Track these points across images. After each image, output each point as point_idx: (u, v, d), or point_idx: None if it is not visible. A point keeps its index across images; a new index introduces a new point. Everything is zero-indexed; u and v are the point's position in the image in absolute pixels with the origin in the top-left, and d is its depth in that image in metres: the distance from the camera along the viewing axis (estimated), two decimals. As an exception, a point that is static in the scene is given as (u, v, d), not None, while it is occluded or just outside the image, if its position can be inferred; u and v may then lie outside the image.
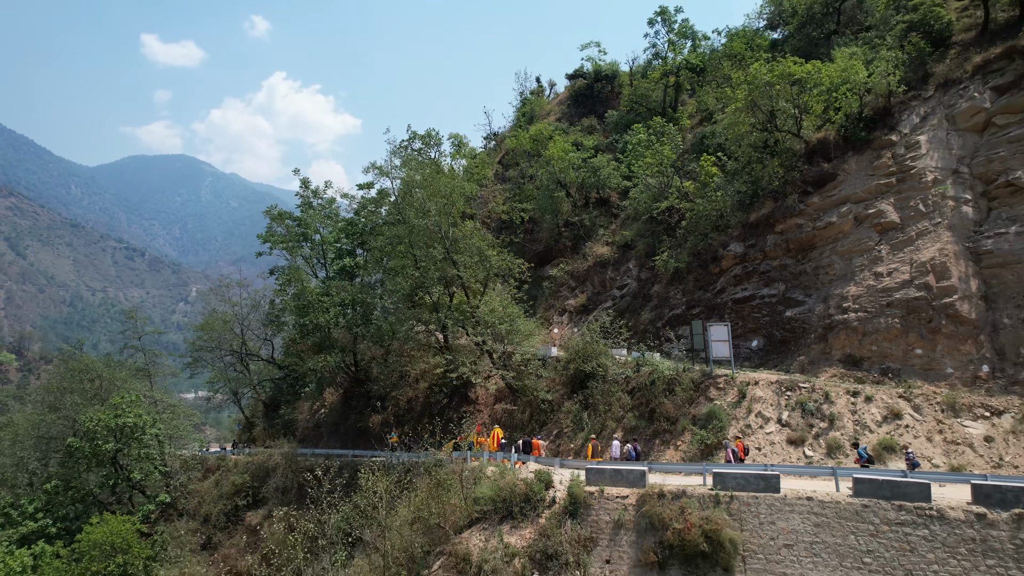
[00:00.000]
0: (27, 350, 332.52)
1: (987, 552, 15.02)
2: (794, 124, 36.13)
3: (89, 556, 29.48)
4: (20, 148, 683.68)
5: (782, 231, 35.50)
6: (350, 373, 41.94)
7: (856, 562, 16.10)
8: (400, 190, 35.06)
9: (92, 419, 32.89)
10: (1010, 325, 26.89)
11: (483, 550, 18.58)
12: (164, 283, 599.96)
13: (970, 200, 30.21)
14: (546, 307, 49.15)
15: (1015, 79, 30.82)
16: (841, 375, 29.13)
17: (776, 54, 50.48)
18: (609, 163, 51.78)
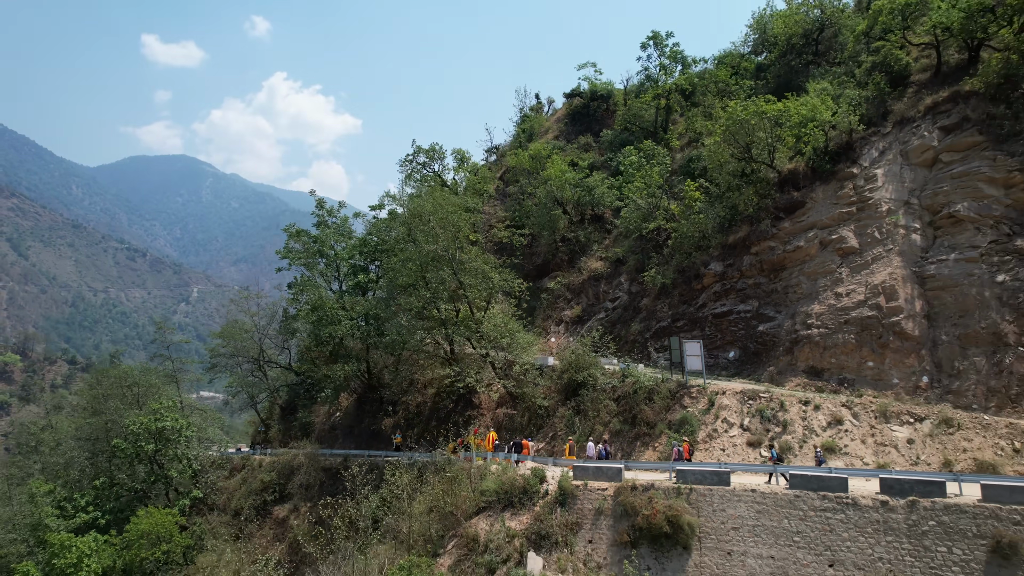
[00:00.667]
0: (31, 351, 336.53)
1: (887, 530, 18.98)
2: (768, 156, 40.12)
3: (137, 544, 33.54)
4: (21, 148, 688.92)
5: (757, 253, 39.51)
6: (364, 380, 45.95)
7: (788, 540, 20.08)
8: (410, 212, 38.96)
9: (135, 423, 36.94)
10: (947, 341, 30.91)
11: (488, 532, 22.64)
12: (165, 283, 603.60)
13: (918, 229, 34.23)
14: (544, 317, 53.14)
15: (959, 120, 34.84)
16: (804, 384, 33.16)
17: (759, 81, 54.79)
18: (603, 182, 55.75)
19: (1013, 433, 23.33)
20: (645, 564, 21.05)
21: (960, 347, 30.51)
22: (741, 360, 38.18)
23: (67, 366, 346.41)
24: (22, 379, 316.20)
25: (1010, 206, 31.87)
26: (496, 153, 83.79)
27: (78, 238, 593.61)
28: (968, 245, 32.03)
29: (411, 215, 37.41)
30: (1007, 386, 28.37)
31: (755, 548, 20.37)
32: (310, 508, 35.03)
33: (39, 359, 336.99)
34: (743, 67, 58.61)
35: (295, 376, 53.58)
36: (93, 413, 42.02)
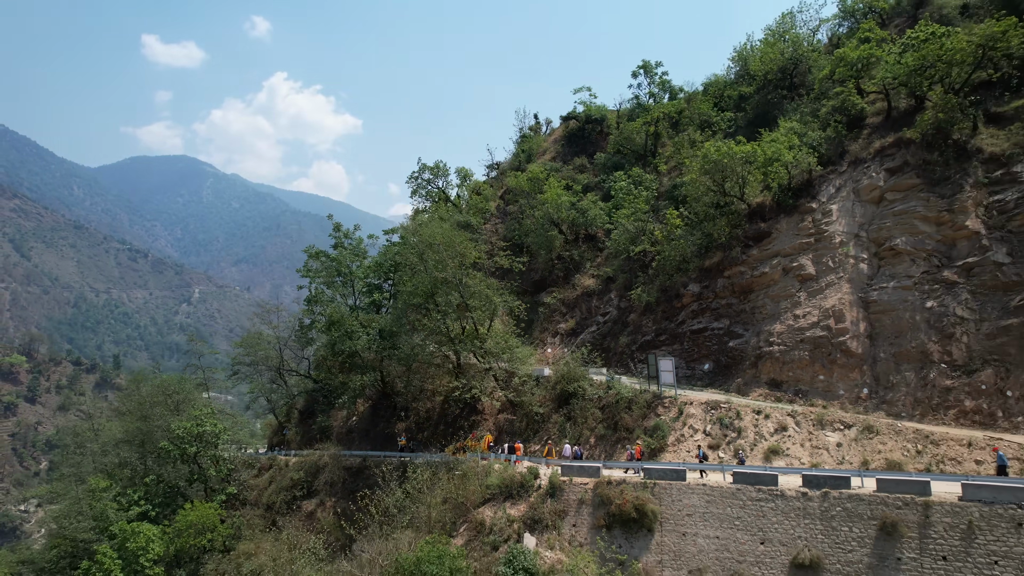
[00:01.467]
0: (36, 352, 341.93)
1: (806, 515, 24.30)
2: (739, 190, 45.46)
3: (186, 533, 38.98)
4: (23, 149, 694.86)
5: (729, 276, 44.87)
6: (378, 388, 51.36)
7: (730, 524, 25.41)
8: (422, 241, 44.27)
9: (180, 427, 42.36)
10: (884, 358, 36.29)
11: (492, 518, 27.98)
12: (167, 284, 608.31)
13: (865, 259, 39.60)
14: (541, 329, 58.52)
15: (901, 164, 40.20)
16: (766, 395, 38.55)
17: (739, 113, 60.14)
18: (596, 204, 61.11)
19: (918, 438, 28.67)
20: (617, 543, 26.40)
21: (895, 363, 35.89)
22: (714, 372, 43.54)
23: (72, 367, 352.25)
24: (27, 380, 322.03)
25: (940, 241, 37.22)
26: (497, 169, 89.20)
27: (80, 239, 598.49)
28: (904, 275, 37.40)
29: (423, 244, 42.74)
30: (930, 397, 33.76)
31: (704, 530, 25.73)
32: (335, 502, 40.46)
33: (44, 360, 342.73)
34: (727, 95, 63.89)
35: (313, 383, 58.91)
36: (141, 418, 47.43)
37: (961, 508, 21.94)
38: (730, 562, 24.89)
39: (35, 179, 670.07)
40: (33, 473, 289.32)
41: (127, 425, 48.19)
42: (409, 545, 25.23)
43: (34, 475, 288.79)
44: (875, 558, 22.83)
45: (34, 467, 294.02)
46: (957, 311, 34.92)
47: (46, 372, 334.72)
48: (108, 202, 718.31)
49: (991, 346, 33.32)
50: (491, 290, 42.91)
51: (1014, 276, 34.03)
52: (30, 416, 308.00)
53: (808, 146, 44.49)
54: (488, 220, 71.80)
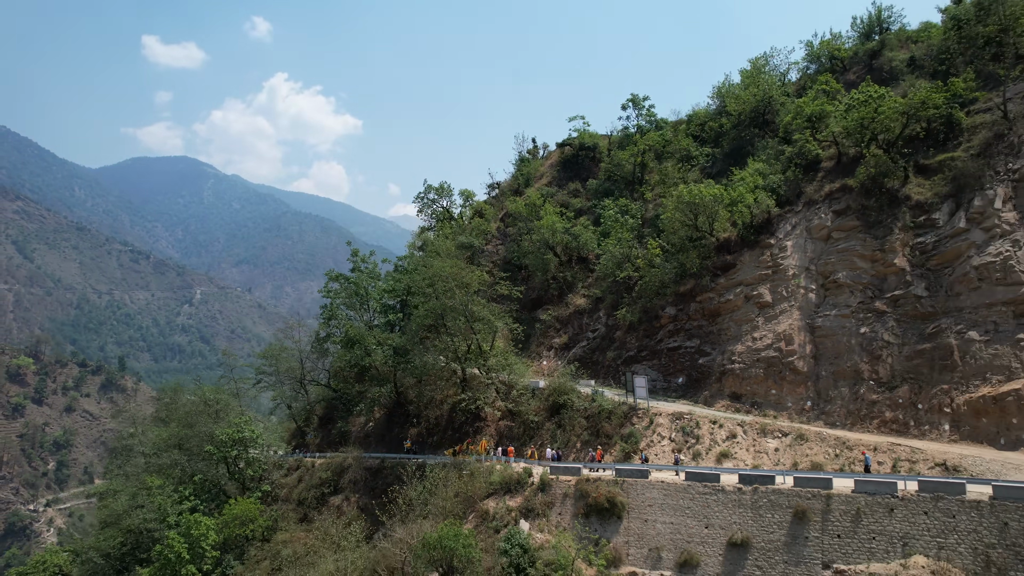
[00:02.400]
0: (43, 354, 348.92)
1: (740, 505, 31.30)
2: (709, 226, 52.47)
3: (232, 524, 46.07)
4: (25, 151, 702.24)
5: (700, 301, 51.92)
6: (392, 397, 58.45)
7: (682, 512, 32.42)
8: (434, 273, 51.29)
9: (224, 433, 49.44)
10: (825, 376, 43.36)
11: (495, 508, 34.99)
12: (169, 285, 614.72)
13: (813, 289, 46.66)
14: (537, 343, 65.56)
15: (845, 207, 47.25)
16: (727, 406, 45.64)
17: (716, 148, 67.07)
18: (587, 228, 68.10)
19: (837, 444, 35.71)
20: (593, 527, 33.40)
21: (833, 380, 42.98)
22: (687, 385, 50.62)
23: (77, 369, 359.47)
24: (35, 381, 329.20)
25: (873, 276, 44.27)
26: (498, 189, 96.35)
27: (82, 240, 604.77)
28: (844, 304, 44.46)
29: (434, 276, 49.79)
30: (859, 409, 40.84)
31: (662, 517, 32.76)
32: (358, 498, 47.58)
33: (50, 362, 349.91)
34: (708, 125, 70.76)
35: (332, 392, 65.99)
36: (186, 425, 54.50)
37: (853, 498, 29.01)
38: (681, 542, 31.96)
39: (37, 180, 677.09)
40: (41, 473, 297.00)
41: (173, 430, 55.17)
42: (432, 528, 32.20)
43: (42, 475, 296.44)
44: (790, 537, 29.91)
45: (42, 467, 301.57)
46: (884, 336, 41.99)
47: (52, 374, 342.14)
48: (109, 203, 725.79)
49: (909, 366, 40.37)
50: (493, 315, 49.98)
51: (930, 307, 41.08)
52: (37, 417, 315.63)
53: (769, 188, 51.56)
54: (489, 241, 78.84)
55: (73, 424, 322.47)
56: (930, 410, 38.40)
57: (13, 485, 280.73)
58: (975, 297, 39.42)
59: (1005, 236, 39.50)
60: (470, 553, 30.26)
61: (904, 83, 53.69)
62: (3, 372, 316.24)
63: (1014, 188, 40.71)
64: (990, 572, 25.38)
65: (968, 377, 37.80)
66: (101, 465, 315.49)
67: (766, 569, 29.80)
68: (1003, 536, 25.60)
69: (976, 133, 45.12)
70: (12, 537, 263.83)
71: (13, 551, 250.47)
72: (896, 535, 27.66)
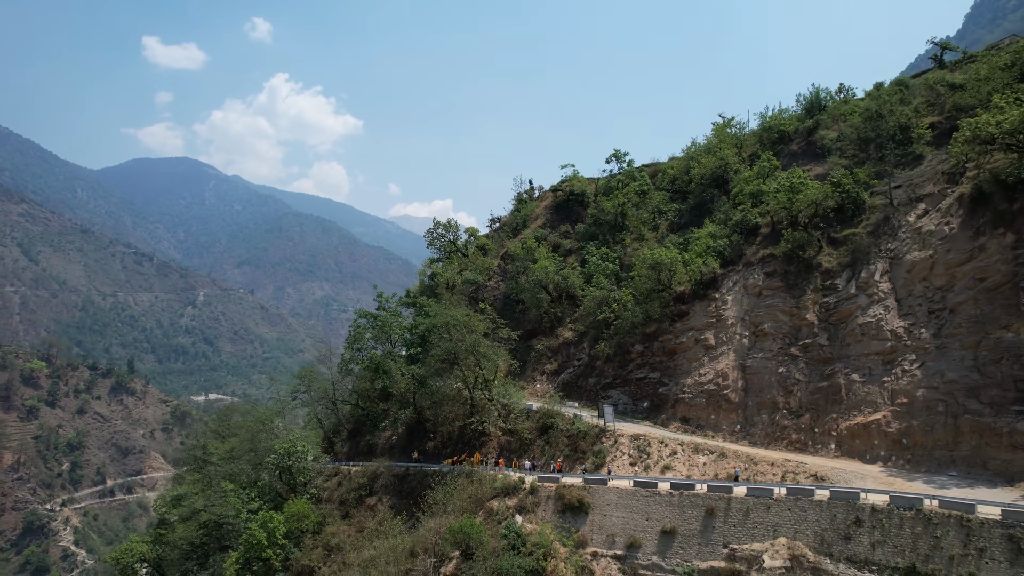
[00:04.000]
0: (55, 358, 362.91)
1: (671, 504, 44.99)
2: (668, 281, 66.15)
3: (291, 519, 59.88)
4: (27, 152, 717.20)
5: (661, 341, 65.66)
6: (413, 416, 72.25)
7: (631, 510, 46.12)
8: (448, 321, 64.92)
9: (282, 447, 63.26)
10: (751, 405, 57.15)
11: (497, 507, 48.70)
12: (172, 287, 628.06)
13: (746, 336, 60.41)
14: (532, 369, 79.32)
15: (773, 270, 60.95)
16: (678, 427, 59.42)
17: (683, 205, 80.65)
18: (575, 270, 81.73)
19: (748, 460, 49.40)
20: (567, 521, 47.12)
21: (757, 409, 56.76)
22: (650, 408, 64.43)
23: (88, 372, 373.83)
24: (48, 384, 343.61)
25: (790, 327, 57.98)
26: (499, 222, 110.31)
27: (87, 243, 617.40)
28: (768, 349, 58.22)
29: (449, 323, 63.50)
30: (775, 431, 54.61)
31: (616, 513, 46.49)
32: (388, 499, 61.41)
33: (62, 365, 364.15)
34: (679, 181, 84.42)
35: (360, 410, 79.87)
36: (249, 439, 68.34)
37: (744, 500, 42.79)
38: (629, 530, 45.74)
39: (39, 182, 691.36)
40: (56, 474, 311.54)
41: (235, 444, 68.97)
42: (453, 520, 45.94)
43: (57, 476, 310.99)
44: (702, 527, 43.68)
45: (57, 468, 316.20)
46: (795, 375, 55.76)
47: (64, 377, 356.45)
48: (111, 204, 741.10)
49: (811, 399, 54.13)
50: (496, 354, 63.81)
51: (828, 354, 54.80)
52: (51, 419, 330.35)
53: (716, 250, 65.32)
54: (491, 277, 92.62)
55: (85, 426, 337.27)
56: (823, 433, 52.22)
57: (30, 485, 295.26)
58: (858, 347, 53.17)
59: (880, 302, 53.22)
60: (481, 537, 44.05)
61: (831, 160, 67.49)
62: (17, 376, 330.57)
63: (890, 264, 54.40)
64: (822, 547, 39.14)
65: (850, 408, 51.57)
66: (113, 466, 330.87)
67: (686, 548, 43.64)
68: (832, 523, 39.35)
69: (872, 214, 58.81)
70: (31, 535, 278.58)
71: (32, 549, 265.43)
72: (770, 524, 41.43)
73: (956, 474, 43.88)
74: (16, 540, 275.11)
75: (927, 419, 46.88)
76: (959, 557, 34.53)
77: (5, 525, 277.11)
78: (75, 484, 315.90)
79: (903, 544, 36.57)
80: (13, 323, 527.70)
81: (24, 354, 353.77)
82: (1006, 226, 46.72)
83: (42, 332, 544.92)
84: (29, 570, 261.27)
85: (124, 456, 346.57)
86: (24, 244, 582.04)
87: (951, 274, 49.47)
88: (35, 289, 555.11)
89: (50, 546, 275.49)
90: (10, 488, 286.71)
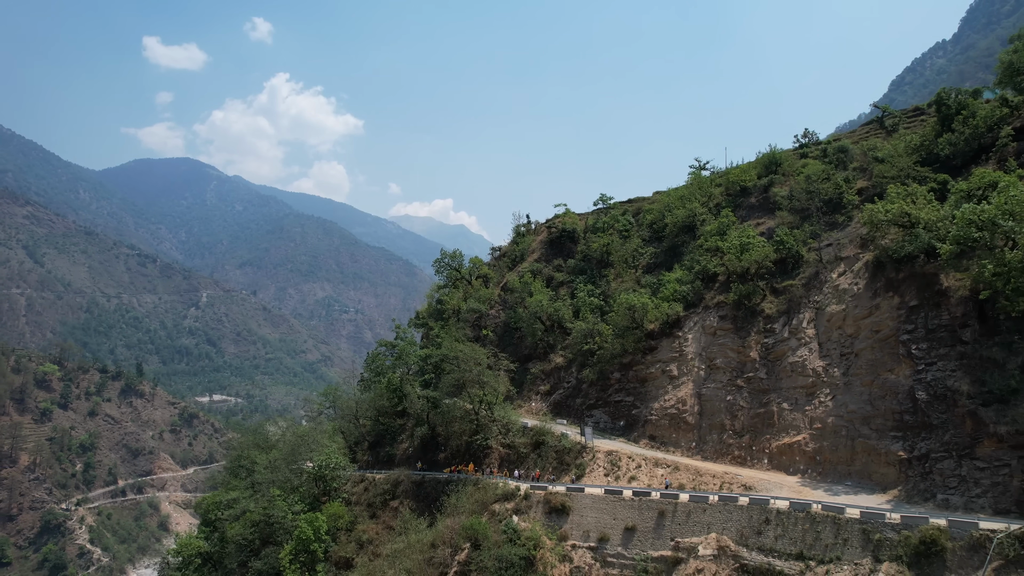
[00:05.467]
0: (67, 361, 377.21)
1: (632, 507, 59.04)
2: (641, 321, 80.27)
3: (330, 519, 74.22)
4: (30, 154, 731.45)
5: (635, 370, 79.85)
6: (427, 431, 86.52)
7: (603, 512, 60.25)
8: (457, 354, 79.08)
9: (320, 459, 77.53)
10: (705, 427, 71.42)
11: (499, 509, 62.86)
12: (175, 289, 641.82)
13: (703, 369, 74.59)
14: (528, 390, 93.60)
15: (725, 314, 75.06)
16: (647, 444, 73.70)
17: (658, 248, 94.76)
18: (565, 303, 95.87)
19: (695, 472, 63.55)
20: (552, 520, 61.33)
21: (708, 430, 71.00)
22: (625, 427, 78.68)
23: (99, 375, 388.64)
24: (60, 387, 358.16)
25: (738, 363, 72.12)
26: (499, 251, 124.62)
27: (91, 245, 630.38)
28: (719, 380, 72.40)
29: (458, 357, 77.64)
30: (722, 448, 68.83)
31: (591, 514, 60.70)
32: (409, 502, 75.72)
33: (73, 368, 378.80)
34: (655, 225, 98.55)
35: (380, 425, 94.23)
36: (290, 453, 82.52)
37: (687, 504, 56.95)
38: (600, 528, 59.95)
39: (42, 183, 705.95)
40: (70, 474, 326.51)
41: (277, 455, 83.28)
42: (464, 519, 60.22)
43: (71, 476, 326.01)
44: (656, 525, 57.88)
45: (71, 469, 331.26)
46: (740, 402, 69.92)
47: (76, 380, 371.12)
48: (114, 205, 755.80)
49: (751, 423, 68.30)
50: (497, 382, 78.08)
51: (766, 385, 68.91)
52: (64, 421, 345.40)
53: (681, 294, 79.44)
54: (493, 306, 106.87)
55: (96, 428, 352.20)
56: (758, 450, 66.45)
57: (46, 486, 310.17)
58: (788, 381, 67.34)
59: (806, 345, 67.38)
60: (486, 532, 58.35)
61: (779, 214, 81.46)
62: (31, 379, 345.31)
63: (815, 313, 68.51)
64: (741, 539, 53.32)
65: (779, 431, 65.75)
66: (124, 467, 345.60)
67: (643, 541, 57.91)
68: (749, 522, 53.49)
69: (807, 268, 72.84)
70: (48, 534, 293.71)
71: (50, 546, 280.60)
72: (705, 523, 55.62)
73: (851, 483, 58.13)
74: (34, 538, 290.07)
75: (834, 441, 61.11)
76: (831, 545, 48.66)
77: (24, 524, 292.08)
78: (88, 484, 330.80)
79: (796, 537, 50.73)
80: (20, 325, 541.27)
81: (37, 358, 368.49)
82: (894, 291, 60.81)
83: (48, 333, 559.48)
84: (47, 567, 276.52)
85: (134, 457, 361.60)
86: (29, 246, 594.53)
87: (857, 325, 63.62)
88: (40, 291, 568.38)
89: (67, 544, 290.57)
90: (27, 488, 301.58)
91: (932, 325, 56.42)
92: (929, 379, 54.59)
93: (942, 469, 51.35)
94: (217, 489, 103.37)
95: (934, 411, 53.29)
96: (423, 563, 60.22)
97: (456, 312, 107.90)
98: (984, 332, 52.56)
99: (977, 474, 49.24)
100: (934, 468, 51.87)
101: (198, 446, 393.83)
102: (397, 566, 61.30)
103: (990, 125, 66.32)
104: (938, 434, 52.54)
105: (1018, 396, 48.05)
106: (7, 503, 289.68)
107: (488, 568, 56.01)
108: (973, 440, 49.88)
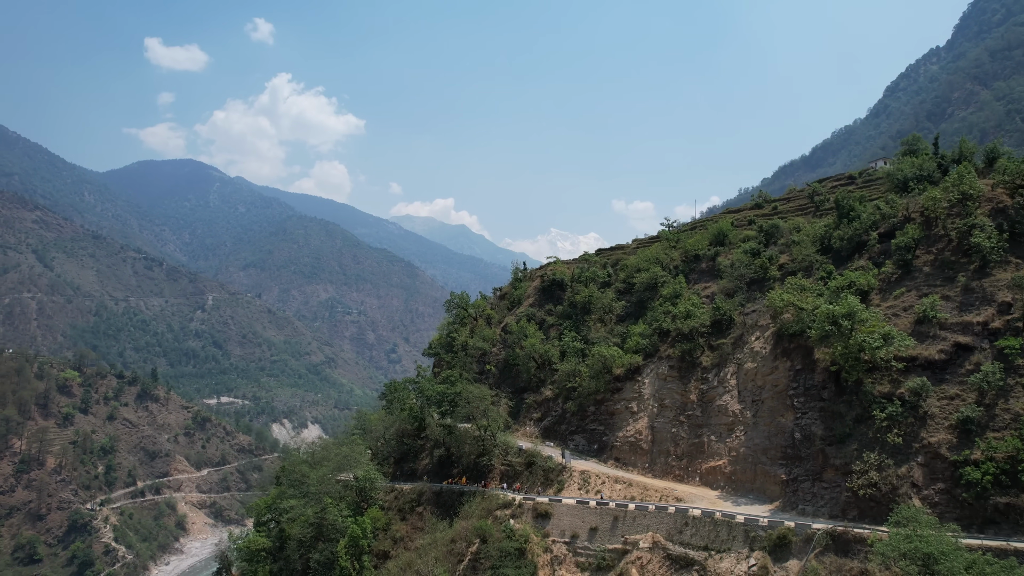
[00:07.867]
0: (86, 367, 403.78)
1: (595, 513, 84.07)
2: (610, 367, 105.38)
3: (371, 521, 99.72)
4: (35, 156, 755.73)
5: (605, 405, 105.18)
6: (443, 451, 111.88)
7: (574, 516, 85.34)
8: (464, 392, 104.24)
9: (361, 473, 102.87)
10: (656, 452, 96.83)
11: (500, 515, 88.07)
12: (182, 292, 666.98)
13: (655, 407, 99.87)
14: (523, 416, 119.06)
15: (673, 364, 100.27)
16: (613, 464, 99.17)
17: (630, 300, 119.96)
18: (555, 345, 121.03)
19: (643, 488, 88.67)
20: (539, 522, 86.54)
21: (658, 454, 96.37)
22: (599, 450, 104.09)
23: (116, 380, 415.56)
24: (80, 393, 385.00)
25: (682, 403, 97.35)
26: (500, 292, 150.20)
27: (99, 248, 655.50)
28: (667, 416, 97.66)
29: (467, 395, 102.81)
30: (669, 469, 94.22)
31: (567, 518, 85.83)
32: (431, 508, 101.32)
33: (92, 374, 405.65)
34: (628, 281, 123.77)
35: (403, 444, 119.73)
36: (337, 467, 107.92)
37: (634, 511, 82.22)
38: (573, 528, 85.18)
39: (48, 186, 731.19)
40: (93, 476, 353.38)
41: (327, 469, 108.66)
42: (475, 521, 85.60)
43: (94, 478, 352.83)
44: (611, 526, 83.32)
45: (93, 471, 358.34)
46: (681, 434, 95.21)
47: (95, 385, 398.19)
48: (118, 208, 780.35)
49: (689, 449, 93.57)
50: (499, 415, 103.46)
51: (700, 422, 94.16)
52: (85, 425, 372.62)
53: (642, 347, 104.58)
54: (495, 345, 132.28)
55: (115, 431, 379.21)
56: (693, 471, 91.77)
57: (72, 487, 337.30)
58: (716, 419, 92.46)
59: (729, 392, 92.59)
60: (491, 531, 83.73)
61: (721, 282, 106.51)
62: (53, 385, 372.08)
63: (737, 367, 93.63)
64: (669, 537, 78.50)
65: (708, 456, 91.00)
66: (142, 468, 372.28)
67: (603, 538, 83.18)
68: (675, 524, 78.67)
69: (736, 330, 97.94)
70: (75, 532, 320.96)
71: (78, 544, 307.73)
72: (645, 525, 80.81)
73: (752, 497, 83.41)
74: (62, 536, 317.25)
75: (744, 465, 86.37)
76: (725, 540, 73.79)
77: (52, 523, 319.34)
78: (110, 485, 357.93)
79: (704, 535, 75.86)
80: (31, 328, 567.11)
81: (58, 364, 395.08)
82: (787, 356, 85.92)
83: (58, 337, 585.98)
84: (76, 563, 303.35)
85: (152, 459, 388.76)
86: (39, 251, 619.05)
87: (763, 380, 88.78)
88: (51, 295, 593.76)
89: (93, 542, 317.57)
90: (55, 489, 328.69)
91: (807, 385, 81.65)
92: (803, 424, 79.80)
93: (804, 488, 76.63)
94: (267, 493, 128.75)
95: (803, 447, 78.57)
96: (445, 553, 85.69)
97: (464, 347, 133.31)
98: (836, 392, 77.71)
99: (823, 491, 74.50)
100: (800, 487, 77.15)
101: (211, 448, 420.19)
102: (425, 556, 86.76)
103: (867, 227, 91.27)
104: (804, 464, 77.83)
105: (850, 439, 73.16)
106: (37, 503, 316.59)
107: (492, 556, 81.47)
108: (822, 468, 75.10)
